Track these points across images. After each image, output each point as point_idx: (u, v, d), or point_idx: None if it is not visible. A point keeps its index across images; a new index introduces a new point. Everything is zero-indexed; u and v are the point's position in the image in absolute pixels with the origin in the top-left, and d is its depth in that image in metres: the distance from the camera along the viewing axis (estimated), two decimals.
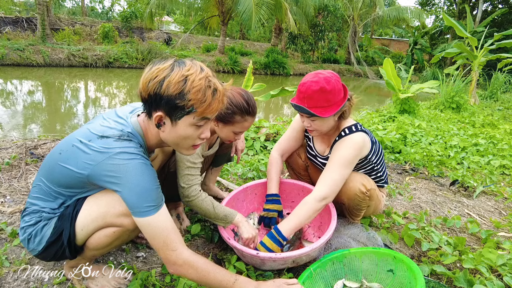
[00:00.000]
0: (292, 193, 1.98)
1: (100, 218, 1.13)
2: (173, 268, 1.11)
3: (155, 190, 1.08)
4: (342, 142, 1.62)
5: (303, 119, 1.64)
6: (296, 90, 1.58)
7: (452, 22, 7.63)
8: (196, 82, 1.01)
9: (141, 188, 1.04)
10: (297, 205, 1.57)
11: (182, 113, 1.04)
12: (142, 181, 1.05)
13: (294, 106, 1.57)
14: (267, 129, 3.65)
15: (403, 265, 1.31)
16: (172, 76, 1.00)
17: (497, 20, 19.59)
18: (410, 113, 5.49)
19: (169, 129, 1.09)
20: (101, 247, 1.19)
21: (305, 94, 1.51)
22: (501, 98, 9.60)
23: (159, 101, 1.02)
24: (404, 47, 25.92)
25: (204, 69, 1.06)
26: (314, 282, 1.35)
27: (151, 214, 1.06)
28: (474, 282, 1.42)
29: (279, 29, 19.35)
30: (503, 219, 2.34)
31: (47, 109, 7.32)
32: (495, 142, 4.20)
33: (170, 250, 1.08)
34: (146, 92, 1.03)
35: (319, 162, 1.84)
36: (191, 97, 1.01)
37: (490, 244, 1.81)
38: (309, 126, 1.62)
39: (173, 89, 1.00)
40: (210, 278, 1.13)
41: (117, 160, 1.03)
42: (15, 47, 11.53)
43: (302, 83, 1.54)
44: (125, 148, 1.06)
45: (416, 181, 2.93)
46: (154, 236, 1.07)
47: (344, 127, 1.66)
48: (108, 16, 26.28)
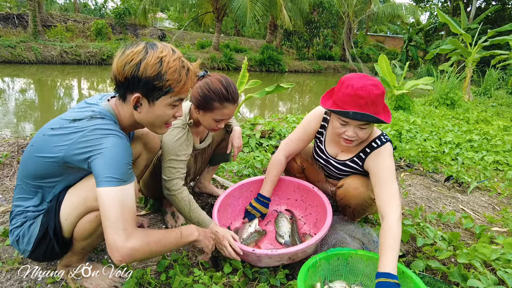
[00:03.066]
0: (288, 190, 1.98)
1: (81, 204, 1.13)
2: (123, 253, 1.00)
3: (124, 164, 1.04)
4: (381, 154, 1.53)
5: (346, 129, 1.45)
6: (346, 95, 1.37)
7: (447, 18, 7.66)
8: (171, 63, 1.06)
9: (109, 158, 1.02)
10: (380, 238, 1.33)
11: (159, 94, 1.09)
12: (114, 152, 1.03)
13: (352, 114, 1.36)
14: (262, 126, 3.64)
15: (411, 283, 1.26)
16: (148, 59, 1.03)
17: (491, 17, 19.72)
18: (405, 110, 5.51)
19: (146, 110, 1.12)
20: (87, 235, 1.18)
21: (368, 100, 1.33)
22: (494, 95, 9.69)
23: (137, 83, 1.05)
24: (399, 43, 25.99)
25: (175, 51, 1.10)
26: (316, 272, 1.35)
27: (111, 185, 1.00)
28: (468, 277, 1.44)
29: (274, 25, 19.28)
30: (496, 214, 2.36)
31: (40, 107, 7.23)
32: (489, 138, 4.23)
33: (121, 229, 1.00)
34: (122, 75, 1.05)
35: (331, 165, 1.75)
36: (168, 77, 1.06)
37: (484, 239, 1.83)
38: (354, 135, 1.45)
39: (150, 71, 1.03)
40: (164, 246, 1.14)
41: (91, 136, 1.04)
42: (6, 44, 11.35)
43: (359, 87, 1.34)
44: (99, 125, 1.07)
45: (411, 177, 2.95)
46: (107, 209, 0.99)
47: (375, 137, 1.58)
48: (101, 13, 25.95)
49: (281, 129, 3.64)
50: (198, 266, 1.51)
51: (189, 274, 1.43)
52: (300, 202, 1.95)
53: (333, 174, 1.82)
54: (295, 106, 10.40)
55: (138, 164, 1.55)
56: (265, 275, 1.46)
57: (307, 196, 1.90)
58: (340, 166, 1.72)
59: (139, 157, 1.53)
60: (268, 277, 1.45)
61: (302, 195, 1.94)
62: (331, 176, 1.87)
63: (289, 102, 10.98)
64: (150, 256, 1.11)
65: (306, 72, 19.50)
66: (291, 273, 1.50)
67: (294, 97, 11.92)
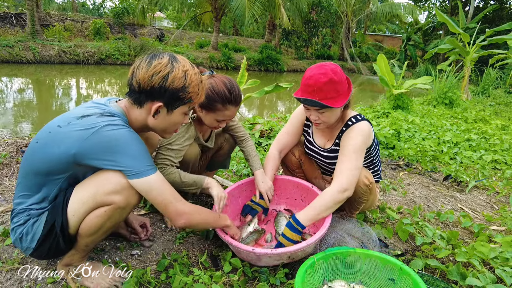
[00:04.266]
0: (287, 189, 1.98)
1: (90, 199, 1.14)
2: (185, 217, 1.24)
3: (147, 153, 1.16)
4: (351, 131, 1.62)
5: (310, 113, 1.60)
6: (302, 84, 1.54)
7: (445, 18, 7.67)
8: (193, 77, 1.18)
9: (134, 151, 1.12)
10: (314, 199, 1.59)
11: (179, 104, 1.20)
12: (134, 145, 1.12)
13: (302, 100, 1.53)
14: (261, 126, 3.64)
15: (409, 279, 1.28)
16: (175, 72, 1.14)
17: (489, 16, 19.76)
18: (404, 109, 5.53)
19: (163, 117, 1.22)
20: (94, 231, 1.18)
21: (315, 87, 1.47)
22: (492, 94, 9.72)
23: (163, 93, 1.15)
24: (398, 43, 26.05)
25: (193, 66, 1.23)
26: (315, 272, 1.35)
27: (152, 173, 1.14)
28: (467, 275, 1.44)
29: (273, 25, 19.27)
30: (494, 213, 2.37)
31: (38, 107, 7.20)
32: (487, 137, 4.25)
33: (179, 201, 1.22)
34: (149, 84, 1.13)
35: (321, 155, 1.83)
36: (191, 90, 1.18)
37: (482, 237, 1.84)
38: (316, 119, 1.60)
39: (177, 83, 1.15)
40: (208, 216, 1.40)
41: (105, 133, 1.07)
42: (4, 44, 11.29)
43: (308, 76, 1.50)
44: (110, 121, 1.10)
45: (410, 176, 2.96)
46: (161, 193, 1.17)
47: (350, 116, 1.67)
48: (100, 12, 25.88)
49: (280, 128, 3.64)
50: (198, 266, 1.52)
51: (189, 273, 1.44)
52: (300, 202, 1.96)
53: (326, 168, 1.87)
54: (294, 106, 10.41)
55: None
56: (265, 274, 1.46)
57: (306, 195, 1.91)
58: (328, 154, 1.78)
59: None
60: (268, 276, 1.45)
61: (301, 195, 1.94)
62: (326, 172, 1.92)
63: (287, 101, 10.99)
64: (198, 224, 1.34)
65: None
66: (291, 272, 1.51)
67: (292, 97, 11.91)
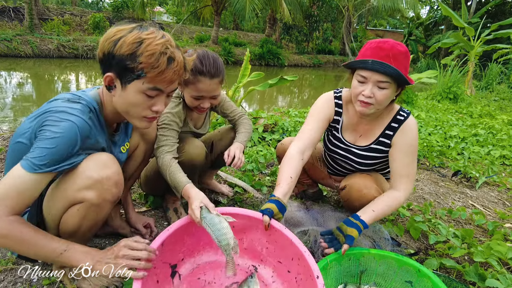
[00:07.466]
0: (286, 250, 1.26)
1: (60, 197, 1.05)
2: None
3: (53, 154, 0.94)
4: (408, 129, 1.45)
5: (365, 87, 1.33)
6: (368, 48, 1.31)
7: (450, 11, 7.55)
8: (152, 46, 0.97)
9: (45, 144, 0.93)
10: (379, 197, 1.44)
11: (131, 77, 1.00)
12: (54, 141, 0.94)
13: (372, 62, 1.27)
14: (265, 120, 3.56)
15: (428, 282, 1.20)
16: (128, 37, 0.97)
17: (491, 11, 19.58)
18: (409, 104, 5.44)
19: (119, 93, 1.05)
20: (72, 232, 1.11)
21: (390, 52, 1.25)
22: (496, 89, 9.62)
23: (111, 60, 0.99)
24: (399, 38, 25.81)
25: (165, 37, 1.02)
26: (328, 275, 1.28)
27: (21, 166, 0.92)
28: (486, 276, 1.37)
29: (274, 19, 19.09)
30: (507, 210, 2.30)
31: (37, 101, 7.11)
32: (494, 133, 4.17)
33: (3, 206, 0.91)
34: (102, 50, 1.00)
35: (352, 153, 1.60)
36: (142, 60, 0.96)
37: (497, 236, 1.77)
38: (371, 96, 1.32)
39: (125, 49, 0.96)
40: (34, 250, 0.97)
41: (53, 117, 0.96)
42: (1, 38, 11.16)
43: (383, 41, 1.29)
44: (68, 109, 0.99)
45: (418, 172, 2.88)
46: (3, 185, 0.92)
47: (396, 110, 1.48)
48: (99, 6, 25.65)
49: (284, 123, 3.56)
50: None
51: None
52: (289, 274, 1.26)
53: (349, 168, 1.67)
54: (295, 101, 10.31)
55: (135, 157, 1.48)
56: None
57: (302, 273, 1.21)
58: (362, 153, 1.56)
59: (136, 149, 1.46)
60: None
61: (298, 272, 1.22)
62: (335, 173, 1.79)
63: (288, 96, 10.89)
64: (8, 247, 1.01)
65: (306, 66, 19.37)
66: None
67: (293, 91, 11.82)
